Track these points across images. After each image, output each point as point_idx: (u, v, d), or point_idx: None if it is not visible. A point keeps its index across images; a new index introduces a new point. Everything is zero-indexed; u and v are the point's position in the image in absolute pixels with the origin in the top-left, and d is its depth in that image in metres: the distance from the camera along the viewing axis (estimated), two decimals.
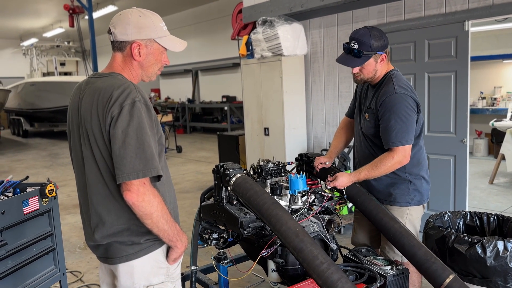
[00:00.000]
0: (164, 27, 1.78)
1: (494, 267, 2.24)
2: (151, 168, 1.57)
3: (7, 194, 2.38)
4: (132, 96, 1.59)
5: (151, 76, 1.83)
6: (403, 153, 2.32)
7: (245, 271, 2.38)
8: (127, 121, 1.56)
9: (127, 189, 1.55)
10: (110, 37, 1.74)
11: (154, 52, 1.76)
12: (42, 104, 14.45)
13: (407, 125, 2.30)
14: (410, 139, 2.33)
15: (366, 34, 2.36)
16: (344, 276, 1.74)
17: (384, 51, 2.39)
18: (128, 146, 1.54)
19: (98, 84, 1.68)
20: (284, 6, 4.97)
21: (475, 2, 3.73)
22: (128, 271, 1.71)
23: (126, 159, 1.54)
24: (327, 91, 5.11)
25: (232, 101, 13.93)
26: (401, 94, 2.32)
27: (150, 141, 1.59)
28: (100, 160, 1.64)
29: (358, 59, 2.38)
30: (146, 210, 1.57)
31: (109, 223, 1.67)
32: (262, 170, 2.48)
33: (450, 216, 2.82)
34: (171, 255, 1.76)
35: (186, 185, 7.42)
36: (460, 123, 3.98)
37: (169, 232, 1.67)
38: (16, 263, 2.30)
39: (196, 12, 15.96)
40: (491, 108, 8.57)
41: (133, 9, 1.75)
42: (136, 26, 1.69)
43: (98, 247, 1.75)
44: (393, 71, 2.46)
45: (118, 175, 1.55)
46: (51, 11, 16.09)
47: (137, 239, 1.69)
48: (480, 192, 6.15)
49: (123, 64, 1.75)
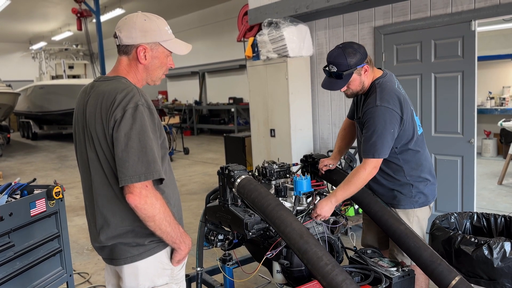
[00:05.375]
0: (169, 30, 1.80)
1: (501, 269, 2.22)
2: (153, 172, 1.59)
3: (15, 196, 2.41)
4: (135, 99, 1.61)
5: (155, 79, 1.85)
6: (374, 165, 2.32)
7: (251, 272, 2.39)
8: (129, 124, 1.58)
9: (129, 192, 1.57)
10: (116, 41, 1.76)
11: (159, 56, 1.77)
12: (51, 107, 14.60)
13: (381, 139, 2.29)
14: (383, 152, 2.31)
15: (340, 54, 2.35)
16: (349, 277, 1.74)
17: (364, 62, 2.38)
18: (130, 150, 1.56)
19: (102, 88, 1.70)
20: (290, 7, 4.97)
21: (481, 2, 3.71)
22: (132, 272, 1.72)
23: (128, 162, 1.56)
24: (333, 92, 5.10)
25: (239, 103, 13.95)
26: (381, 107, 2.30)
27: (152, 145, 1.60)
28: (104, 162, 1.66)
29: (340, 80, 2.39)
30: (149, 212, 1.59)
31: (114, 224, 1.69)
32: (267, 171, 2.48)
33: (457, 217, 2.80)
34: (175, 257, 1.77)
35: (193, 187, 7.45)
36: (468, 124, 3.95)
37: (172, 235, 1.69)
38: (24, 265, 2.32)
39: (202, 15, 16.02)
40: (500, 108, 8.48)
41: (138, 13, 1.77)
42: (141, 30, 1.71)
43: (103, 249, 1.77)
44: (378, 79, 2.44)
45: (121, 178, 1.57)
46: (60, 15, 16.26)
47: (142, 241, 1.70)
48: (489, 193, 6.09)
49: (128, 68, 1.77)
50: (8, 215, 2.22)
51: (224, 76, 15.64)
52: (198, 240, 2.61)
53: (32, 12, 15.48)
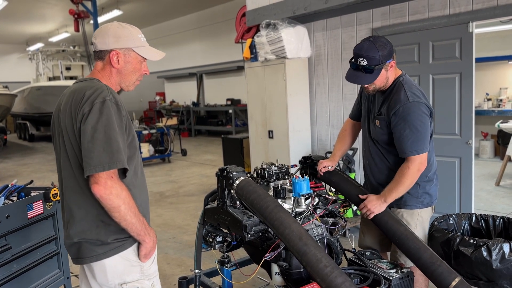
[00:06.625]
0: (142, 38, 1.89)
1: (500, 270, 2.22)
2: (117, 161, 1.63)
3: (12, 198, 2.39)
4: (103, 95, 1.68)
5: (129, 84, 1.91)
6: (419, 161, 2.31)
7: (249, 274, 2.38)
8: (96, 117, 1.64)
9: (94, 182, 1.61)
10: (92, 47, 1.89)
11: (132, 61, 1.86)
12: (48, 108, 14.54)
13: (422, 133, 2.29)
14: (426, 146, 2.32)
15: (372, 47, 2.27)
16: (348, 279, 1.73)
17: (392, 57, 2.35)
18: (96, 141, 1.62)
19: (74, 87, 1.81)
20: (288, 9, 4.97)
21: (479, 3, 3.71)
22: (101, 269, 1.76)
23: (93, 153, 1.61)
24: (331, 94, 5.10)
25: (237, 104, 13.95)
26: (414, 103, 2.29)
27: (117, 137, 1.66)
28: (72, 156, 1.72)
29: (369, 74, 2.30)
30: (114, 203, 1.63)
31: (78, 217, 1.74)
32: (266, 173, 2.48)
33: (456, 219, 2.80)
34: (140, 251, 1.80)
35: (190, 188, 7.43)
36: (465, 125, 3.95)
37: (137, 226, 1.72)
38: (21, 267, 2.31)
39: (200, 16, 16.02)
40: (497, 109, 8.51)
41: (113, 23, 1.87)
42: (114, 36, 1.81)
43: (71, 247, 1.79)
44: (402, 76, 2.43)
45: (86, 168, 1.62)
46: (57, 16, 16.23)
47: (105, 238, 1.73)
48: (486, 194, 6.10)
49: (102, 72, 1.86)
50: (5, 217, 2.21)
51: (222, 77, 15.64)
52: (196, 242, 2.60)
53: (29, 13, 15.44)
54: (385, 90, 2.45)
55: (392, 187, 2.35)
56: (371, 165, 2.60)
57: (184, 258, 4.29)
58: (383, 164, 2.52)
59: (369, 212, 2.38)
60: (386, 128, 2.41)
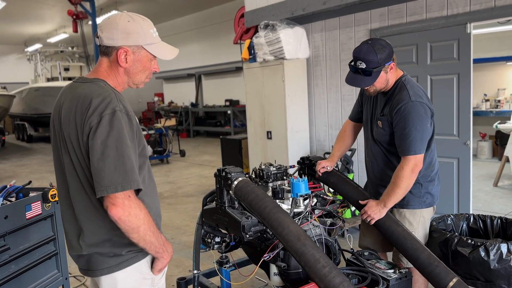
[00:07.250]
0: (155, 33, 1.69)
1: (498, 270, 2.23)
2: (131, 181, 1.49)
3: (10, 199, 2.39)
4: (112, 105, 1.52)
5: (138, 83, 1.75)
6: (414, 162, 2.31)
7: (248, 275, 2.38)
8: (106, 132, 1.48)
9: (111, 204, 1.47)
10: (97, 41, 1.66)
11: (141, 59, 1.67)
12: (47, 109, 14.51)
13: (421, 134, 2.29)
14: (423, 148, 2.32)
15: (370, 50, 2.30)
16: (346, 279, 1.73)
17: (391, 59, 2.36)
18: (107, 158, 1.47)
19: (78, 91, 1.61)
20: (286, 10, 4.98)
21: (477, 5, 3.73)
22: (111, 283, 1.64)
23: (104, 172, 1.46)
24: (329, 94, 5.11)
25: (235, 105, 13.95)
26: (416, 102, 2.30)
27: (130, 153, 1.51)
28: (79, 170, 1.58)
29: (368, 77, 2.33)
30: (133, 224, 1.50)
31: (90, 232, 1.61)
32: (264, 173, 2.48)
33: (454, 219, 2.81)
34: (156, 266, 1.70)
35: (189, 189, 7.43)
36: (463, 126, 3.96)
37: (156, 244, 1.61)
38: (19, 268, 2.31)
39: (199, 17, 16.02)
40: (495, 110, 8.53)
41: (122, 13, 1.66)
42: (123, 32, 1.61)
43: (79, 258, 1.68)
44: (404, 76, 2.45)
45: (97, 188, 1.48)
46: (55, 17, 16.21)
47: (119, 251, 1.62)
48: (484, 195, 6.11)
49: (108, 70, 1.68)
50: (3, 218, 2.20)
51: (221, 78, 15.64)
52: (195, 242, 2.60)
53: (28, 14, 15.42)
54: (387, 92, 2.46)
55: (390, 190, 2.36)
56: (374, 166, 2.61)
57: (183, 259, 4.29)
58: (386, 165, 2.53)
59: (369, 218, 2.39)
60: (388, 128, 2.42)
